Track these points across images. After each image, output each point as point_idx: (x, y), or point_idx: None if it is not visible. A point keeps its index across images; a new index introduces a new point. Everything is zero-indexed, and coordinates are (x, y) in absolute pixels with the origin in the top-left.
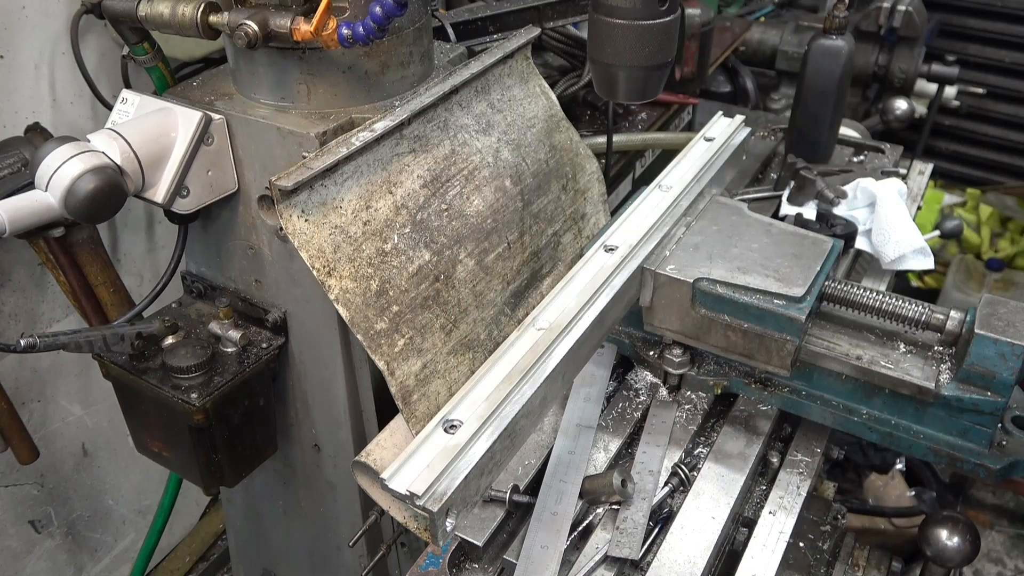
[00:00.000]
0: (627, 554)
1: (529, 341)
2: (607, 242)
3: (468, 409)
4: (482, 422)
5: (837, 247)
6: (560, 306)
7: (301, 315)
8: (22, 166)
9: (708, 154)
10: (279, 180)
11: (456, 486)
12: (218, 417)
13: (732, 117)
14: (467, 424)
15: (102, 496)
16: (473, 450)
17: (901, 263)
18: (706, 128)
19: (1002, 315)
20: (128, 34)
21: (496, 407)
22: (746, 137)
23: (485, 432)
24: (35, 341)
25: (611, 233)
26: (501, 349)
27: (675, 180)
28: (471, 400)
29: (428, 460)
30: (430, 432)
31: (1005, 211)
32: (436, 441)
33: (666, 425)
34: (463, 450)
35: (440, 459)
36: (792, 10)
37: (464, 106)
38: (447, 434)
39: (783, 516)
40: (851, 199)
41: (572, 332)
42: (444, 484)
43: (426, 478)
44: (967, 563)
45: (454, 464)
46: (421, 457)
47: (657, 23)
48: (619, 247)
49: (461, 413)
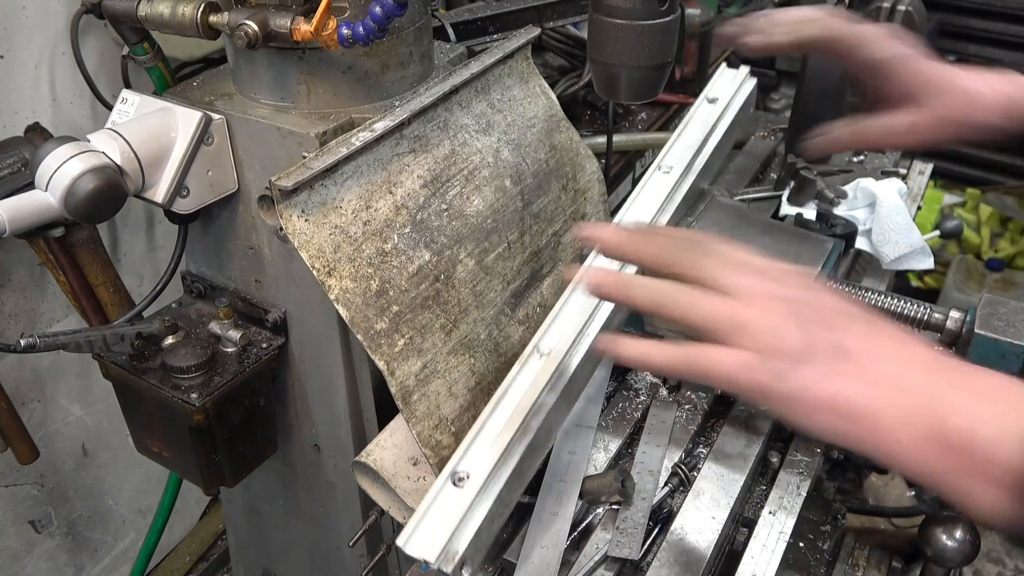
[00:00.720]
0: (627, 554)
1: (532, 372)
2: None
3: (475, 458)
4: (490, 470)
5: (837, 247)
6: (560, 330)
7: (301, 315)
8: (22, 166)
9: (711, 120)
10: (279, 180)
11: (468, 542)
12: (218, 417)
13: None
14: (475, 476)
15: (102, 496)
16: (483, 503)
17: (901, 263)
18: (708, 86)
19: (1002, 315)
20: (128, 34)
21: (503, 452)
22: (753, 90)
23: (494, 481)
24: (35, 341)
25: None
26: (506, 381)
27: (675, 160)
28: (478, 447)
29: (439, 519)
30: (440, 488)
31: (1005, 211)
32: (446, 497)
33: (666, 425)
34: (473, 504)
35: (451, 517)
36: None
37: (464, 106)
38: (456, 487)
39: (783, 516)
40: (851, 199)
41: (574, 357)
42: (457, 542)
43: (440, 540)
44: (967, 563)
45: (465, 521)
46: (432, 517)
47: (657, 23)
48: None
49: (469, 464)
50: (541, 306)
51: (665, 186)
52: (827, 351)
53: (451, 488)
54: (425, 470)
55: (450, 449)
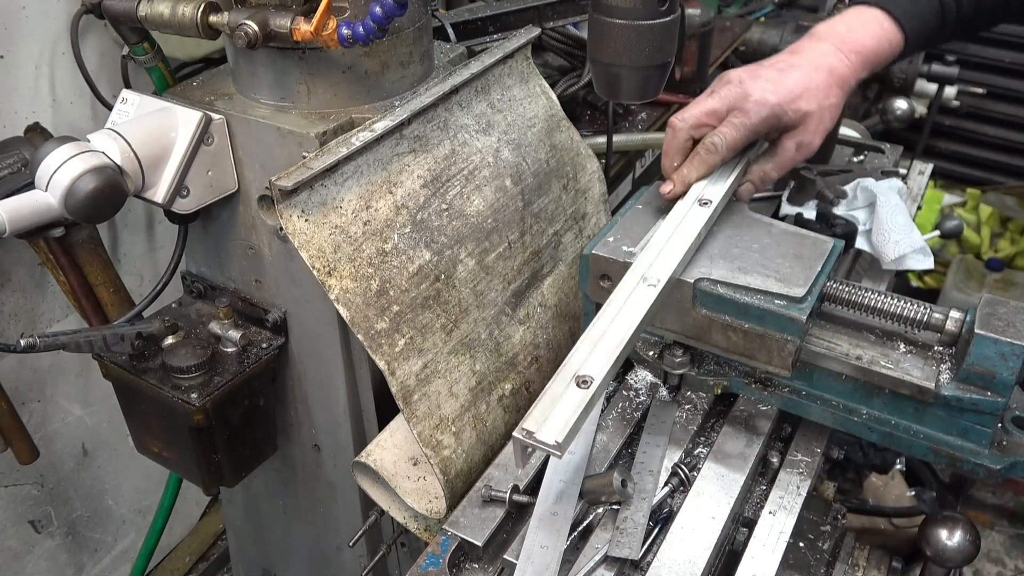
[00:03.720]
0: (627, 554)
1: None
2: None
3: (595, 366)
4: (603, 376)
5: (837, 247)
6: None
7: (301, 315)
8: (22, 166)
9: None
10: (279, 180)
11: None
12: (218, 417)
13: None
14: (595, 382)
15: (102, 496)
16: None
17: (901, 263)
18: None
19: (1002, 315)
20: (128, 34)
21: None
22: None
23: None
24: (35, 341)
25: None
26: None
27: (714, 194)
28: (598, 355)
29: (564, 413)
30: (566, 387)
31: (1005, 211)
32: (571, 395)
33: (666, 425)
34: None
35: (574, 412)
36: (792, 10)
37: (464, 106)
38: (580, 389)
39: (783, 516)
40: (851, 199)
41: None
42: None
43: (564, 430)
44: (967, 563)
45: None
46: (560, 410)
47: (657, 23)
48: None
49: (590, 369)
50: (542, 305)
51: (702, 218)
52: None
53: (575, 388)
54: (425, 470)
55: (451, 449)
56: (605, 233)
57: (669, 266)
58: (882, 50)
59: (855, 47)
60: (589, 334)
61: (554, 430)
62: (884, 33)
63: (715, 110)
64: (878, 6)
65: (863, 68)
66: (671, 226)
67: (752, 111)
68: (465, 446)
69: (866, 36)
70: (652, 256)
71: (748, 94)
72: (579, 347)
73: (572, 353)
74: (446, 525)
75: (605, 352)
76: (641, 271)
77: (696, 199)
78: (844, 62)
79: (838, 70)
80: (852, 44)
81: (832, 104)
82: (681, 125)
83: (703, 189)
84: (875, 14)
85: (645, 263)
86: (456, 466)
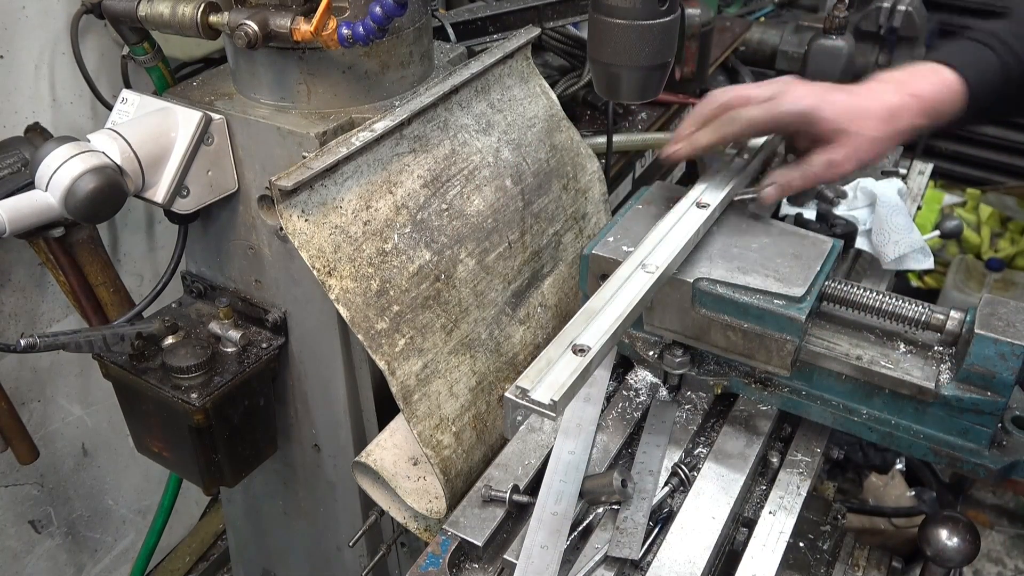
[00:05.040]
0: (627, 554)
1: (639, 281)
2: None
3: (593, 335)
4: (600, 347)
5: (837, 247)
6: (665, 251)
7: (301, 315)
8: (22, 166)
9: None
10: (279, 180)
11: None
12: (218, 417)
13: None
14: (592, 351)
15: (102, 496)
16: (591, 369)
17: (901, 263)
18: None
19: (1002, 315)
20: (128, 34)
21: (612, 335)
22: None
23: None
24: (35, 341)
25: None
26: (614, 285)
27: (712, 198)
28: (597, 326)
29: (559, 377)
30: (562, 353)
31: (1005, 211)
32: (567, 361)
33: (666, 425)
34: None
35: (569, 377)
36: (792, 10)
37: (464, 106)
38: (576, 356)
39: (783, 516)
40: (851, 199)
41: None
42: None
43: (559, 391)
44: (967, 563)
45: (578, 381)
46: (554, 374)
47: (657, 23)
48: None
49: (588, 339)
50: (542, 305)
51: (699, 219)
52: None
53: (571, 355)
54: (425, 470)
55: (451, 449)
56: (605, 233)
57: (667, 256)
58: (942, 97)
59: (913, 90)
60: (587, 308)
61: (550, 390)
62: (943, 81)
63: (755, 95)
64: (935, 60)
65: (921, 113)
66: (668, 224)
67: (785, 103)
68: (465, 446)
69: (925, 83)
70: (649, 247)
71: (790, 90)
72: (576, 319)
73: (569, 324)
74: (446, 525)
75: (602, 324)
76: (639, 259)
77: (694, 201)
78: (902, 101)
79: (893, 105)
80: (911, 87)
81: (874, 137)
82: (718, 95)
83: (702, 192)
84: (932, 66)
85: (643, 253)
86: (456, 466)
